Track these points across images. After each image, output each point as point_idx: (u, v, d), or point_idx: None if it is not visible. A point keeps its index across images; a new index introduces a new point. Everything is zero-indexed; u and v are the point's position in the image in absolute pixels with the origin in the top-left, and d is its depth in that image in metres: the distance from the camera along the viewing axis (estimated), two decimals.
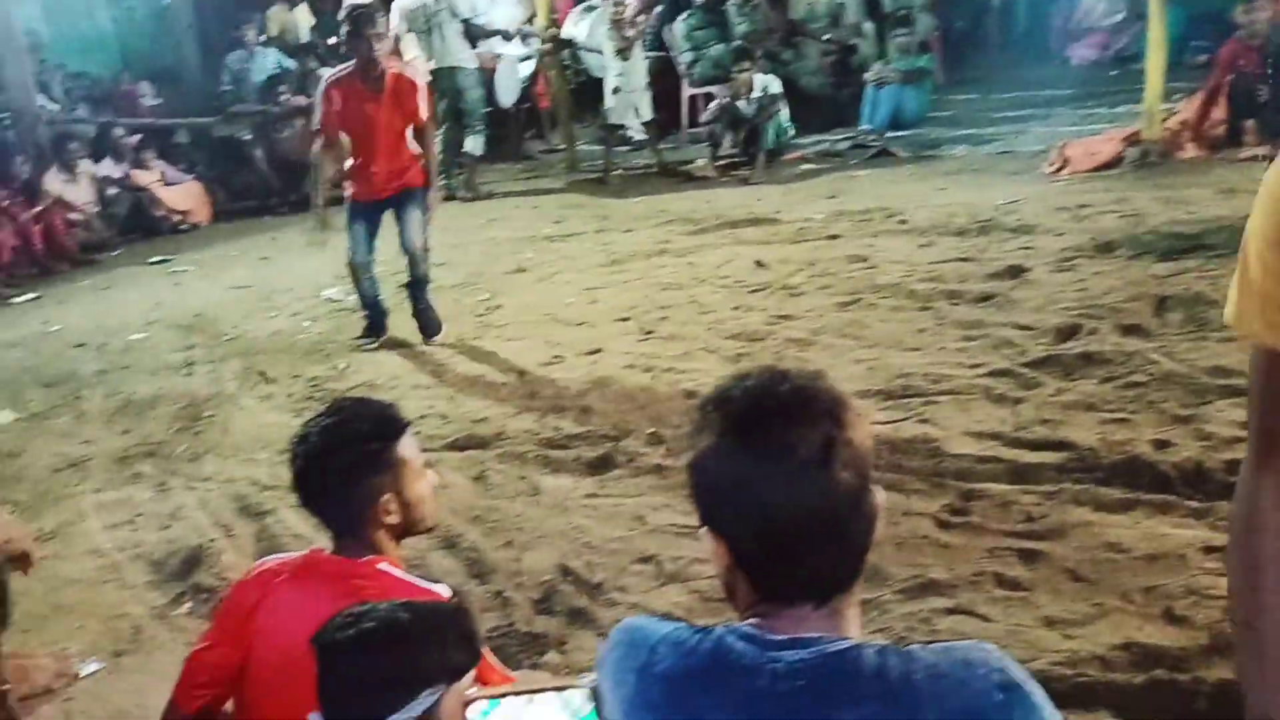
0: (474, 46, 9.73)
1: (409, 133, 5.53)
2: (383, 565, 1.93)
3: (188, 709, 1.98)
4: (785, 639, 1.22)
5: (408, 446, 2.00)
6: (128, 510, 4.10)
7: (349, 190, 5.71)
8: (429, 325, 5.79)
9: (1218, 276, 4.88)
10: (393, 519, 1.97)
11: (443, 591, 1.92)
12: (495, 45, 10.25)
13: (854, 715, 1.17)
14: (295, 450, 1.99)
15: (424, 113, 5.54)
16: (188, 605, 3.35)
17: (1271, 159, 1.29)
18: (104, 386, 5.68)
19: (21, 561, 2.75)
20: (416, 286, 5.80)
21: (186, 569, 3.58)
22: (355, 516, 1.96)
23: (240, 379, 5.49)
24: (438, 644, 1.53)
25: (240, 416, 4.95)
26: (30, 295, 8.30)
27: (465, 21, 9.46)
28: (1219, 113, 7.63)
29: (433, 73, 9.54)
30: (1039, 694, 1.19)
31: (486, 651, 1.87)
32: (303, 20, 11.82)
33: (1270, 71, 7.37)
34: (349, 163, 5.64)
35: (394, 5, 9.94)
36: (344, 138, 5.58)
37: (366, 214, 5.70)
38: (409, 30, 9.59)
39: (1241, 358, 4.04)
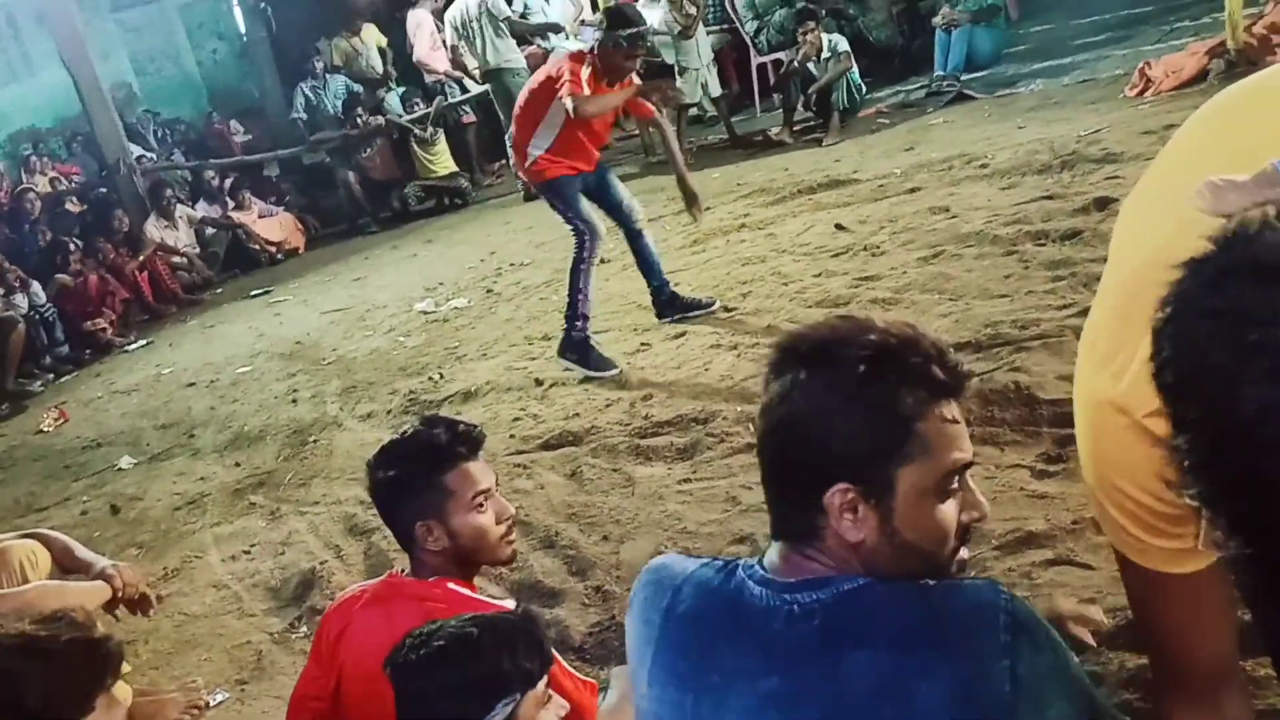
0: (521, 45, 9.80)
1: None
2: (451, 585, 1.97)
3: None
4: (799, 580, 1.29)
5: (461, 475, 2.01)
6: (244, 541, 4.27)
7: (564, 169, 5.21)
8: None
9: None
10: (436, 546, 2.00)
11: (510, 607, 1.96)
12: (548, 41, 10.29)
13: (866, 657, 1.21)
14: (367, 469, 2.08)
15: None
16: (304, 629, 3.47)
17: None
18: (215, 423, 5.92)
19: (142, 605, 2.88)
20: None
21: (301, 593, 3.71)
22: (406, 539, 2.02)
23: (341, 401, 5.66)
24: (508, 653, 1.57)
25: (343, 437, 5.10)
26: (142, 342, 8.67)
27: (508, 20, 9.53)
28: None
29: (484, 77, 9.67)
30: (1045, 635, 1.22)
31: (558, 658, 1.90)
32: (372, 43, 12.00)
33: None
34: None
35: (445, 19, 10.09)
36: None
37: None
38: (459, 40, 9.73)
39: None
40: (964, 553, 1.34)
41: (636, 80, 5.28)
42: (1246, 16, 7.30)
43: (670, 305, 5.51)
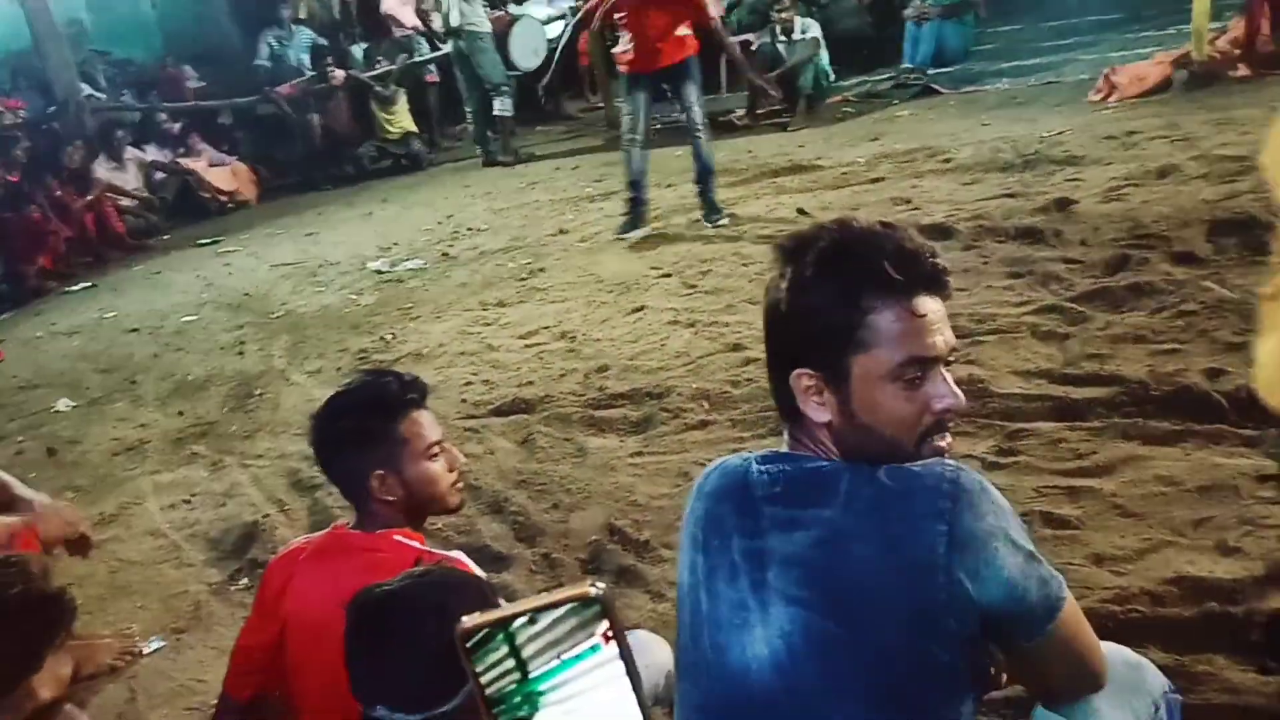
0: (494, 9, 9.69)
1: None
2: (398, 537, 1.94)
3: (240, 697, 2.03)
4: (778, 454, 1.47)
5: (413, 425, 1.99)
6: (184, 490, 4.18)
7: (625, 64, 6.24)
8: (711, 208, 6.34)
9: (1270, 199, 4.74)
10: (390, 496, 1.97)
11: (459, 557, 1.93)
12: (513, 7, 10.19)
13: (813, 516, 1.36)
14: (310, 422, 2.04)
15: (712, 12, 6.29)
16: (244, 581, 3.41)
17: None
18: (158, 370, 5.79)
19: (80, 546, 2.81)
20: (703, 171, 6.33)
21: (242, 546, 3.65)
22: (356, 490, 1.99)
23: (289, 355, 5.57)
24: (460, 612, 1.52)
25: (290, 393, 5.01)
26: (85, 284, 8.46)
27: None
28: (1268, 28, 7.37)
29: (445, 35, 9.54)
30: (989, 502, 1.32)
31: None
32: None
33: None
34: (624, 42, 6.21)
35: None
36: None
37: (645, 85, 6.28)
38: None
39: None
40: (944, 440, 1.41)
41: None
42: (1211, 30, 7.40)
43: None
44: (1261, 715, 2.09)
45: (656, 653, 2.12)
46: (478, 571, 1.99)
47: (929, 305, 1.37)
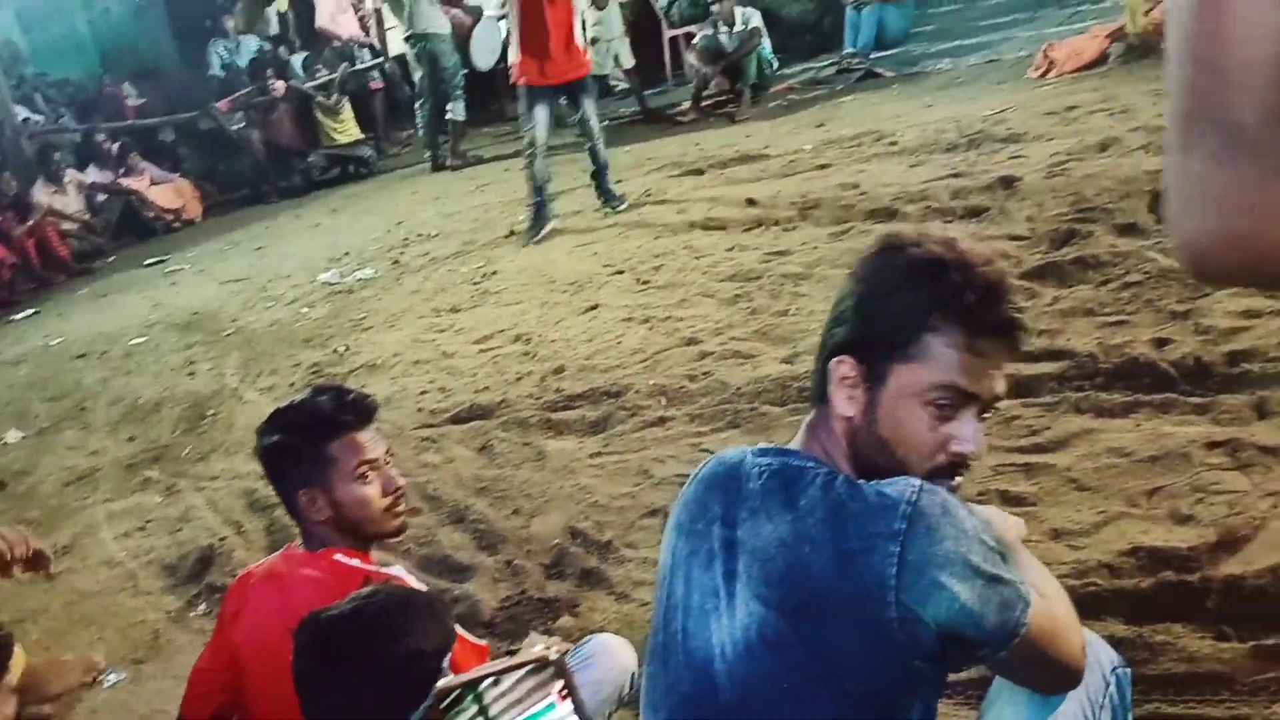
0: (450, 8, 9.62)
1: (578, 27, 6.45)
2: (339, 556, 1.92)
3: None
4: (773, 448, 1.49)
5: (345, 444, 1.96)
6: (138, 517, 4.12)
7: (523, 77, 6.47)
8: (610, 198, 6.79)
9: None
10: (319, 515, 1.95)
11: (399, 573, 1.91)
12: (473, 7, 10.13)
13: (784, 514, 1.38)
14: (256, 436, 2.03)
15: None
16: (203, 607, 3.36)
17: None
18: (107, 395, 5.71)
19: (40, 563, 2.71)
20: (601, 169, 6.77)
21: (200, 570, 3.60)
22: (292, 508, 1.97)
23: (242, 373, 5.50)
24: (410, 631, 1.51)
25: (244, 411, 4.95)
26: (29, 311, 8.33)
27: None
28: None
29: (407, 40, 9.47)
30: (950, 525, 1.31)
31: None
32: (270, 10, 11.71)
33: None
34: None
35: None
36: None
37: (543, 98, 6.52)
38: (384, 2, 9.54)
39: None
40: (954, 482, 1.40)
41: None
42: (1145, 2, 7.47)
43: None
44: (1220, 681, 2.11)
45: (621, 656, 2.12)
46: (419, 587, 1.98)
47: (989, 348, 1.36)
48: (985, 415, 1.41)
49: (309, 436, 1.95)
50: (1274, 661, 2.11)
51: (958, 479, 1.41)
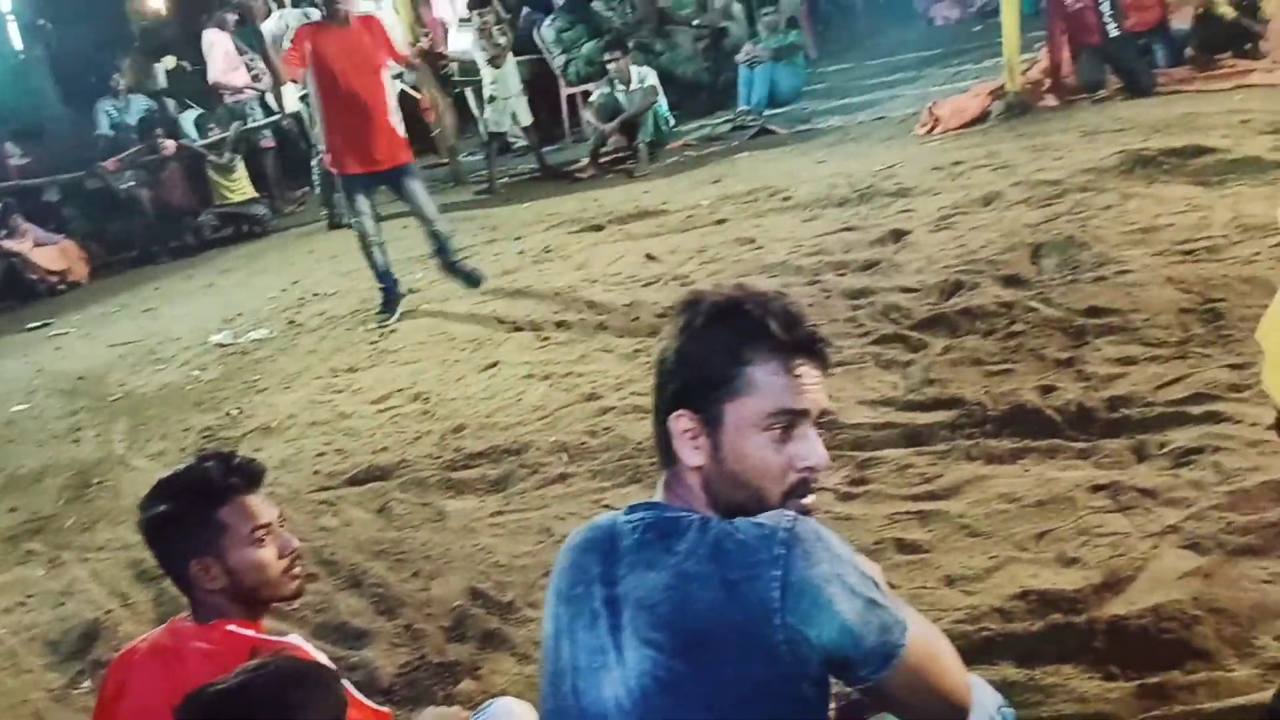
0: None
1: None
2: (231, 627, 1.87)
3: None
4: (642, 504, 1.55)
5: (236, 509, 1.93)
6: (19, 591, 3.94)
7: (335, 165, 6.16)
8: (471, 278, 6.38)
9: (1087, 219, 5.01)
10: (214, 584, 1.91)
11: (296, 642, 1.87)
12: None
13: (668, 561, 1.43)
14: (139, 509, 1.97)
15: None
16: (87, 684, 3.22)
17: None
18: None
19: None
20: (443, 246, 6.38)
21: (84, 646, 3.45)
22: (181, 580, 1.93)
23: (129, 439, 5.33)
24: (300, 704, 1.48)
25: (131, 479, 4.79)
26: None
27: None
28: (1069, 59, 7.83)
29: (302, 98, 9.40)
30: (824, 549, 1.40)
31: (352, 690, 1.85)
32: (159, 67, 11.53)
33: (1104, 7, 7.52)
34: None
35: (264, 31, 9.80)
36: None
37: (362, 186, 6.15)
38: (278, 54, 9.43)
39: (1113, 295, 4.15)
40: (809, 500, 1.51)
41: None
42: (1022, 61, 7.81)
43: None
44: None
45: (522, 719, 2.09)
46: (317, 655, 1.94)
47: (804, 368, 1.49)
48: (821, 427, 1.54)
49: (199, 504, 1.92)
50: (1158, 700, 2.17)
51: (811, 497, 1.52)
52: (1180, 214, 4.84)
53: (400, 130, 6.17)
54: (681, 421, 1.50)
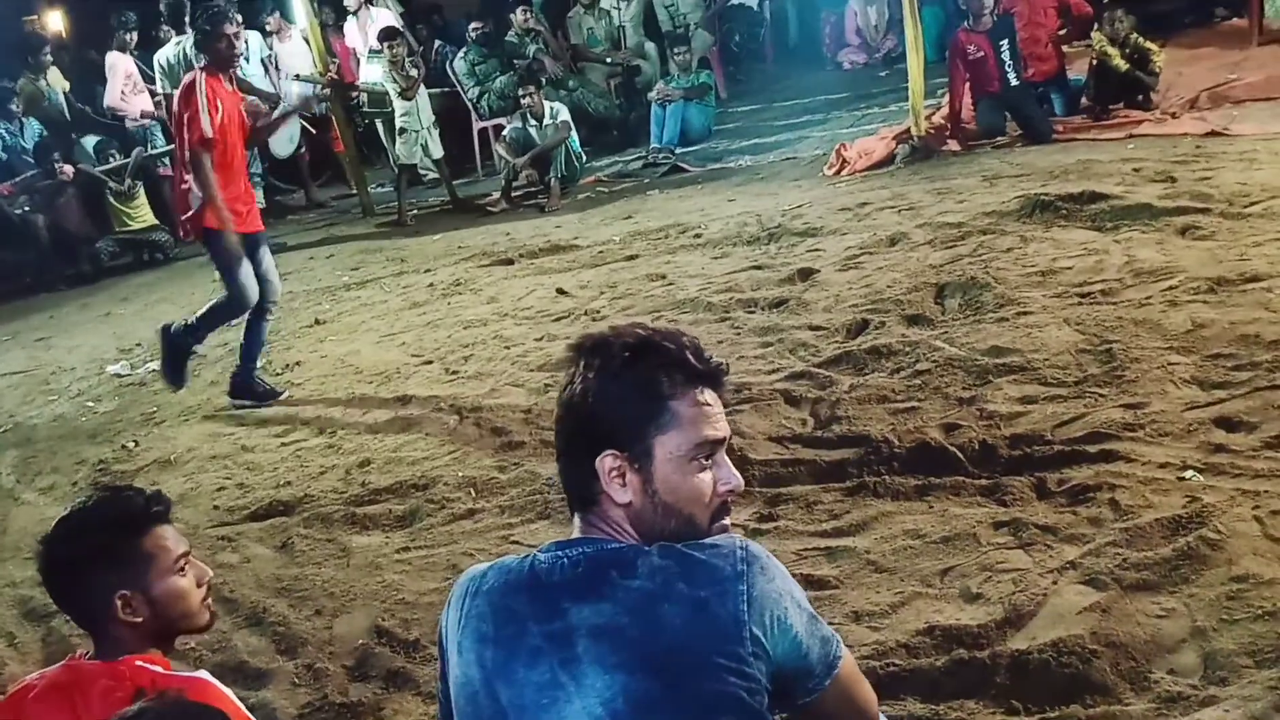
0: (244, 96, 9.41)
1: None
2: (140, 662, 1.82)
3: None
4: (574, 540, 1.57)
5: (157, 539, 1.91)
6: None
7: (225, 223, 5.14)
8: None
9: (989, 260, 5.14)
10: (136, 618, 1.86)
11: (206, 678, 1.83)
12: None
13: (626, 586, 1.47)
14: (38, 547, 1.90)
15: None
16: None
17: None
18: None
19: None
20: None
21: None
22: (96, 615, 1.88)
23: (19, 472, 5.13)
24: None
25: (20, 513, 4.61)
26: None
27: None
28: (970, 106, 8.08)
29: None
30: (775, 567, 1.50)
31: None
32: (57, 84, 11.19)
33: (1005, 56, 7.78)
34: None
35: (155, 61, 9.59)
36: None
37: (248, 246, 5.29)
38: (169, 84, 9.26)
39: (1014, 335, 4.25)
40: (726, 521, 1.59)
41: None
42: (927, 107, 8.02)
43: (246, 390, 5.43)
44: None
45: None
46: (226, 692, 1.89)
47: (712, 397, 1.56)
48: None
49: (125, 535, 1.88)
50: None
51: (728, 519, 1.59)
52: (1077, 257, 5.01)
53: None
54: (608, 461, 1.53)
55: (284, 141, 9.96)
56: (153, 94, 10.02)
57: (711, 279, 5.90)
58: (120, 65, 10.46)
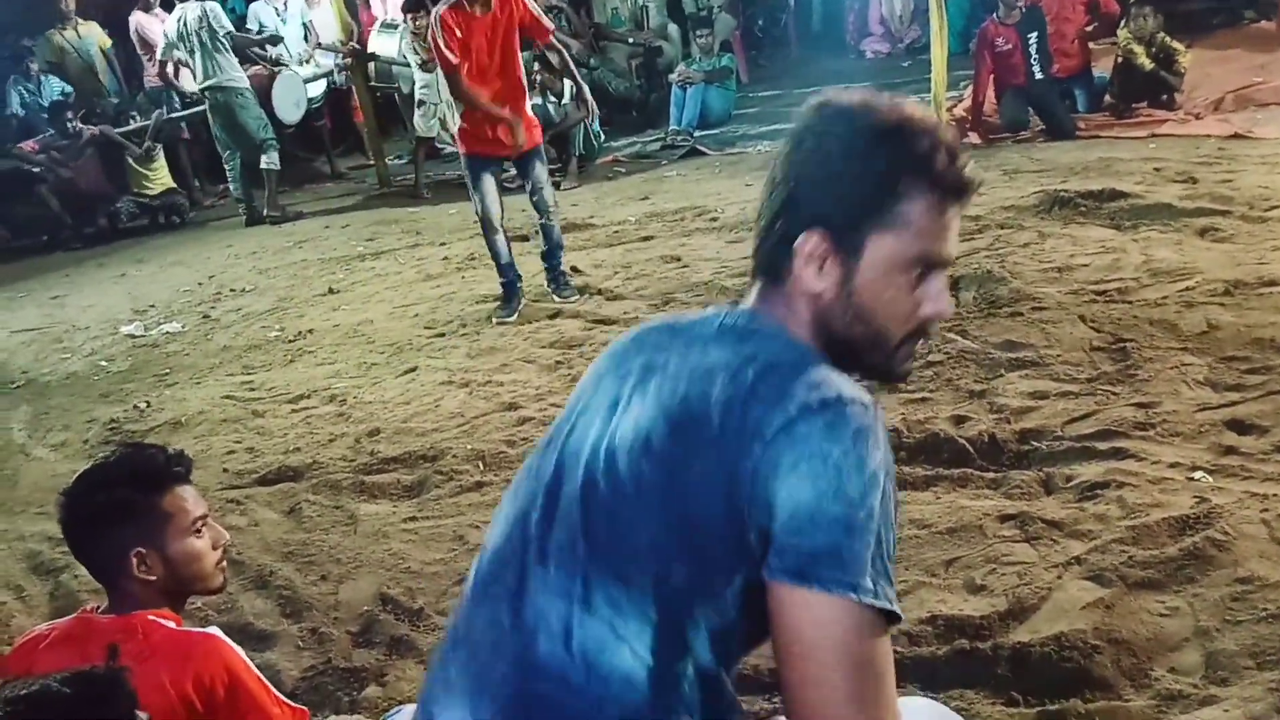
0: (245, 65, 9.41)
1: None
2: (152, 617, 1.84)
3: None
4: (743, 309, 1.43)
5: (177, 499, 1.92)
6: None
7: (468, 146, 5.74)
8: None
9: (1006, 255, 5.13)
10: (150, 575, 1.88)
11: (217, 634, 1.85)
12: (276, 63, 9.96)
13: (729, 353, 1.34)
14: (59, 499, 1.92)
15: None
16: None
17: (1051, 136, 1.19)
18: None
19: None
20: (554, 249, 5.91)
21: None
22: (112, 570, 1.90)
23: (30, 428, 5.16)
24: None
25: (31, 469, 4.65)
26: None
27: (229, 34, 9.12)
28: (993, 99, 8.05)
29: (202, 91, 9.23)
30: (864, 445, 1.22)
31: (265, 683, 1.85)
32: (94, 41, 11.16)
33: (1032, 50, 7.75)
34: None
35: (162, 31, 9.58)
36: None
37: (489, 167, 5.78)
38: (180, 58, 9.24)
39: (1028, 330, 4.24)
40: (918, 346, 1.43)
41: None
42: (949, 98, 7.98)
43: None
44: None
45: None
46: (236, 649, 1.91)
47: (953, 210, 1.36)
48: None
49: (145, 492, 1.90)
50: None
51: (919, 344, 1.43)
52: (1095, 255, 4.99)
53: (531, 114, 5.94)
54: (812, 241, 1.35)
55: (290, 107, 9.92)
56: (162, 64, 9.97)
57: (726, 263, 5.89)
58: (147, 24, 10.46)
